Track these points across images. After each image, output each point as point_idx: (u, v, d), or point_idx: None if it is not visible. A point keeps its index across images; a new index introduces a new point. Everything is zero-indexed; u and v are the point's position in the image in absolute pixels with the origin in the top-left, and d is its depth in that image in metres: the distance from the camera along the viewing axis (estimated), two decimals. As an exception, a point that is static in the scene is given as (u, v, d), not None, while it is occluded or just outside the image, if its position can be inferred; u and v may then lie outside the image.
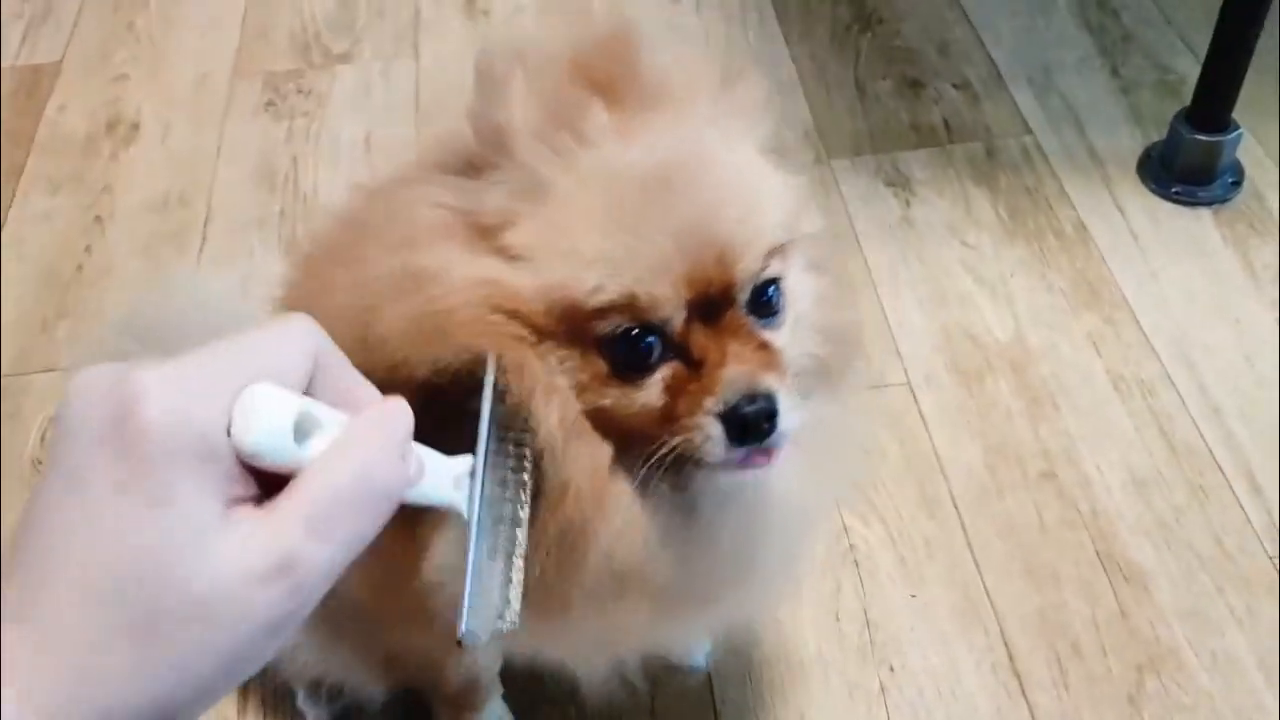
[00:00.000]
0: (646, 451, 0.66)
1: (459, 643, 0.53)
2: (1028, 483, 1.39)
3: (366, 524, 0.46)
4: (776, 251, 0.67)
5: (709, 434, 0.64)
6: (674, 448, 0.65)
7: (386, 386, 0.51)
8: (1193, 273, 1.63)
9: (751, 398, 0.63)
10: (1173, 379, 1.49)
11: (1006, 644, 1.25)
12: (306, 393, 0.47)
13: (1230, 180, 1.74)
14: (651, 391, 0.65)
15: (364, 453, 0.46)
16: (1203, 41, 1.71)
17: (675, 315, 0.64)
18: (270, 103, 2.00)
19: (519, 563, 0.58)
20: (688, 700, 1.22)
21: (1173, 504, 1.37)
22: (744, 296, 0.66)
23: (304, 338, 0.48)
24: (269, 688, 1.23)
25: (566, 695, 1.22)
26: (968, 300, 1.61)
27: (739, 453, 0.65)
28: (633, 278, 0.62)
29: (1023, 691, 1.22)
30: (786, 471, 0.73)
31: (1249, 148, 1.77)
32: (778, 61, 2.01)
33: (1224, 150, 1.72)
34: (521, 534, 0.58)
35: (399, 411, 0.49)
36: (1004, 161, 1.82)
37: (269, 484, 0.45)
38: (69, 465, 0.43)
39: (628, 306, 0.63)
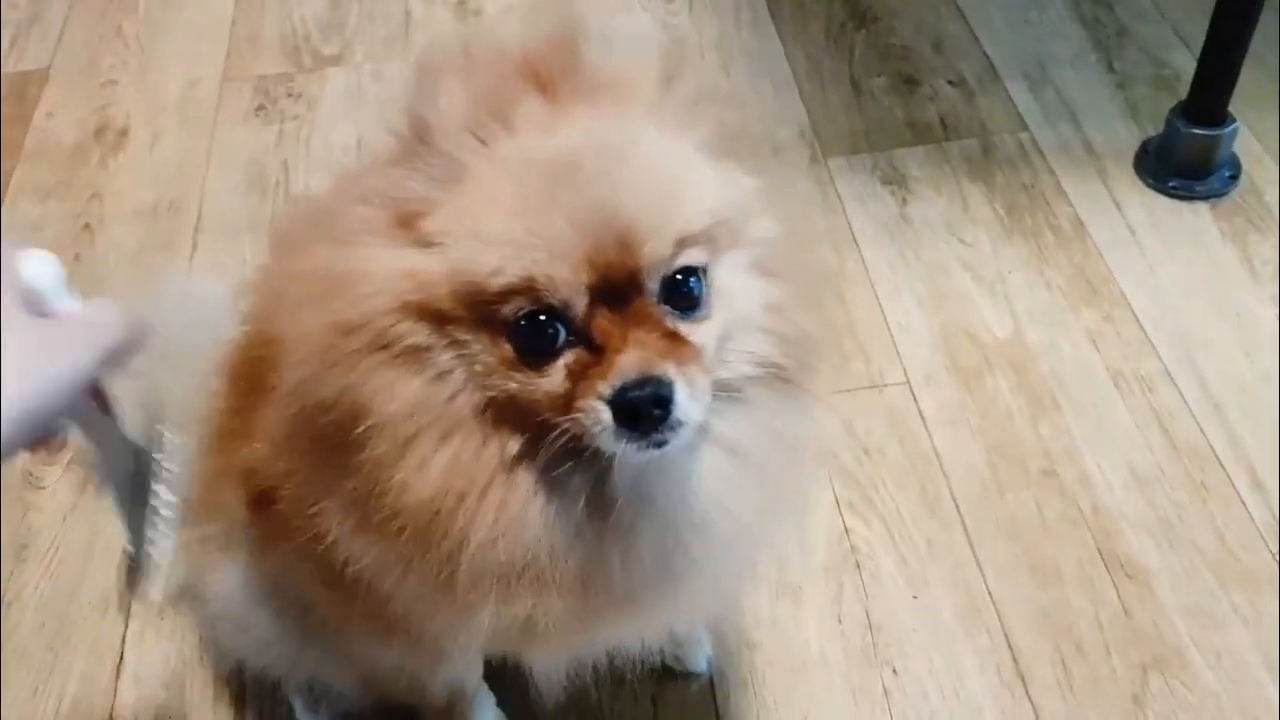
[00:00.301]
0: (548, 438, 0.66)
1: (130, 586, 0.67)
2: (1029, 481, 1.38)
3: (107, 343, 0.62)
4: (693, 241, 0.66)
5: (599, 418, 0.63)
6: (565, 430, 0.65)
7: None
8: (1191, 268, 1.62)
9: (641, 383, 0.62)
10: (1173, 375, 1.49)
11: (1010, 645, 1.24)
12: None
13: (1227, 174, 1.74)
14: (555, 378, 0.65)
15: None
16: (1197, 36, 1.71)
17: (577, 299, 0.64)
18: (260, 107, 1.99)
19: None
20: (690, 705, 1.21)
21: (1174, 501, 1.36)
22: (653, 284, 0.66)
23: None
24: (267, 701, 1.22)
25: (569, 704, 1.20)
26: (966, 298, 1.60)
27: (634, 441, 0.64)
28: (531, 259, 0.62)
29: (1027, 693, 1.21)
30: (718, 474, 0.72)
31: (1245, 142, 1.76)
32: (772, 60, 2.00)
33: (1221, 144, 1.71)
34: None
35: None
36: (1000, 158, 1.81)
37: None
38: None
39: (527, 289, 0.63)
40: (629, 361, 0.63)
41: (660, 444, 0.64)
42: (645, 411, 0.63)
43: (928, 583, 1.30)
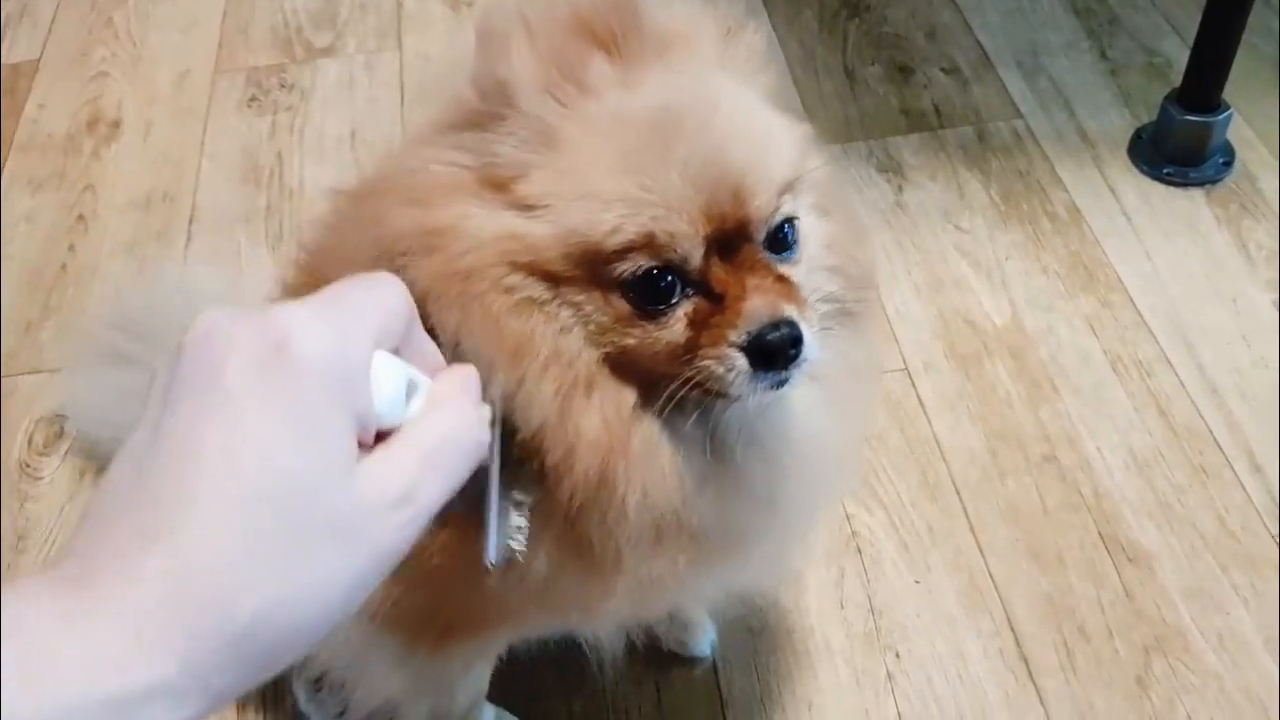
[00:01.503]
0: (669, 389, 0.66)
1: (486, 569, 0.59)
2: (1029, 466, 1.39)
3: (463, 466, 0.50)
4: (788, 189, 0.68)
5: (733, 364, 0.64)
6: (695, 380, 0.65)
7: None
8: (1187, 254, 1.63)
9: (775, 325, 0.64)
10: (1170, 360, 1.49)
11: (1013, 628, 1.25)
12: (396, 348, 0.52)
13: (1221, 161, 1.74)
14: (675, 328, 0.65)
15: (457, 407, 0.52)
16: (1187, 24, 1.71)
17: (694, 252, 0.64)
18: (253, 98, 1.97)
19: (518, 498, 0.64)
20: (694, 690, 1.21)
21: (1174, 484, 1.36)
22: (761, 233, 0.67)
23: (405, 296, 0.52)
24: (269, 690, 1.22)
25: (570, 689, 1.21)
26: (964, 285, 1.60)
27: (765, 382, 0.65)
28: (650, 216, 0.63)
29: (1030, 676, 1.21)
30: (811, 406, 0.74)
31: (1239, 128, 1.77)
32: (766, 48, 2.00)
33: (1214, 131, 1.72)
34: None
35: (473, 372, 0.56)
36: (995, 145, 1.81)
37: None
38: (212, 390, 0.44)
39: (647, 245, 0.63)
40: (758, 307, 0.64)
41: (783, 383, 0.66)
42: (782, 352, 0.64)
43: (929, 568, 1.30)
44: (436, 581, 0.78)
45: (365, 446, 0.47)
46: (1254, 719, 1.16)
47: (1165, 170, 1.74)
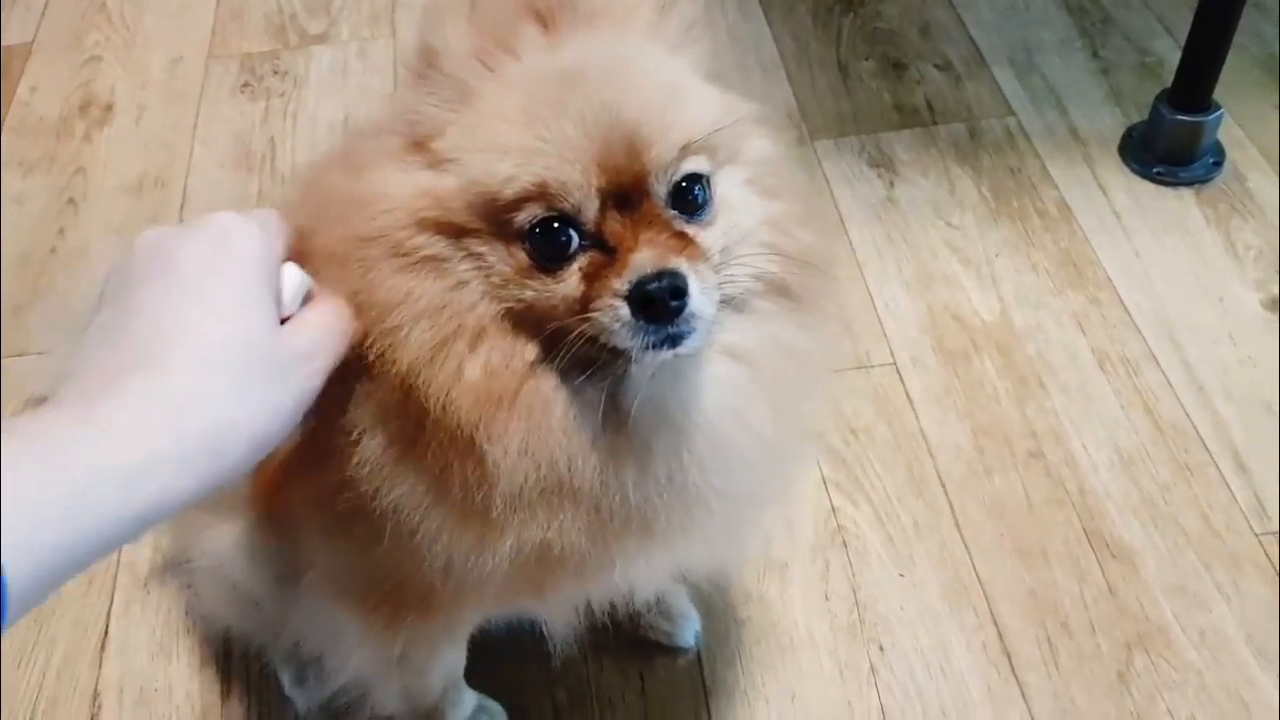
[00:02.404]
0: (565, 342, 0.67)
1: None
2: (1015, 462, 1.39)
3: (342, 345, 0.67)
4: (696, 149, 0.68)
5: (618, 314, 0.65)
6: (581, 334, 0.66)
7: None
8: (1176, 253, 1.63)
9: (658, 275, 0.64)
10: (1157, 358, 1.50)
11: (996, 623, 1.25)
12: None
13: (1211, 160, 1.75)
14: (570, 281, 0.67)
15: (337, 306, 0.68)
16: (1179, 24, 1.72)
17: (588, 204, 0.66)
18: (246, 84, 1.97)
19: None
20: (678, 680, 1.21)
21: (1159, 482, 1.37)
22: (660, 188, 0.68)
23: (285, 226, 0.70)
24: (254, 674, 1.22)
25: (555, 678, 1.21)
26: (953, 281, 1.61)
27: (651, 336, 0.65)
28: (543, 165, 0.65)
29: (1013, 670, 1.21)
30: (730, 385, 0.73)
31: (1229, 129, 1.78)
32: (760, 42, 2.00)
33: (1205, 131, 1.72)
34: None
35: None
36: (987, 142, 1.81)
37: None
38: (172, 273, 0.62)
39: (540, 194, 0.65)
40: (644, 258, 0.65)
41: (676, 339, 0.66)
42: (662, 302, 0.64)
43: (914, 562, 1.31)
44: (375, 559, 0.82)
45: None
46: (1234, 715, 1.17)
47: (1156, 169, 1.74)
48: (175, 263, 0.63)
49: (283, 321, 0.65)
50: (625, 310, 0.64)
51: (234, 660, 1.23)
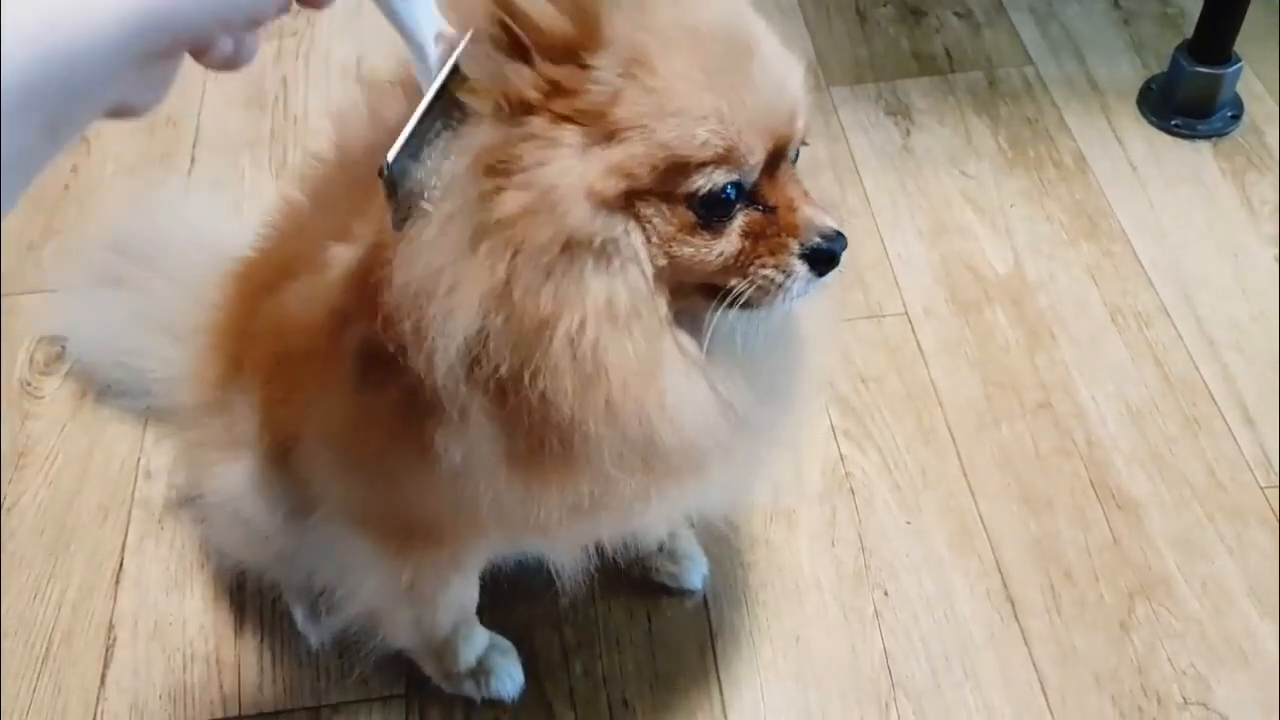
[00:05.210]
0: (718, 296, 0.71)
1: (380, 170, 0.62)
2: (1024, 413, 1.40)
3: None
4: None
5: (795, 271, 0.70)
6: (743, 290, 0.70)
7: None
8: (1191, 206, 1.63)
9: (833, 235, 0.71)
10: (1169, 311, 1.50)
11: (1000, 570, 1.26)
12: None
13: (1230, 114, 1.74)
14: (731, 238, 0.70)
15: None
16: (1204, -27, 1.69)
17: (758, 167, 0.69)
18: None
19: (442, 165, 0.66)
20: (684, 621, 1.23)
21: (1166, 434, 1.37)
22: (794, 152, 0.72)
23: None
24: (267, 609, 1.24)
25: (561, 616, 1.23)
26: (967, 231, 1.60)
27: (811, 286, 0.71)
28: (735, 130, 0.66)
29: (1015, 616, 1.23)
30: (786, 325, 0.80)
31: (1248, 82, 1.76)
32: (777, -13, 1.98)
33: (1224, 83, 1.71)
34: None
35: None
36: (1004, 91, 1.80)
37: None
38: None
39: (726, 158, 0.67)
40: (813, 216, 0.71)
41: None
42: (838, 258, 0.71)
43: (921, 510, 1.32)
44: (391, 476, 0.84)
45: None
46: (1233, 664, 1.18)
47: (1173, 121, 1.73)
48: None
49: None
50: (804, 267, 0.70)
51: (247, 595, 1.25)
